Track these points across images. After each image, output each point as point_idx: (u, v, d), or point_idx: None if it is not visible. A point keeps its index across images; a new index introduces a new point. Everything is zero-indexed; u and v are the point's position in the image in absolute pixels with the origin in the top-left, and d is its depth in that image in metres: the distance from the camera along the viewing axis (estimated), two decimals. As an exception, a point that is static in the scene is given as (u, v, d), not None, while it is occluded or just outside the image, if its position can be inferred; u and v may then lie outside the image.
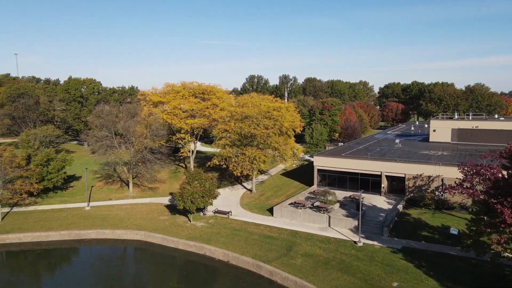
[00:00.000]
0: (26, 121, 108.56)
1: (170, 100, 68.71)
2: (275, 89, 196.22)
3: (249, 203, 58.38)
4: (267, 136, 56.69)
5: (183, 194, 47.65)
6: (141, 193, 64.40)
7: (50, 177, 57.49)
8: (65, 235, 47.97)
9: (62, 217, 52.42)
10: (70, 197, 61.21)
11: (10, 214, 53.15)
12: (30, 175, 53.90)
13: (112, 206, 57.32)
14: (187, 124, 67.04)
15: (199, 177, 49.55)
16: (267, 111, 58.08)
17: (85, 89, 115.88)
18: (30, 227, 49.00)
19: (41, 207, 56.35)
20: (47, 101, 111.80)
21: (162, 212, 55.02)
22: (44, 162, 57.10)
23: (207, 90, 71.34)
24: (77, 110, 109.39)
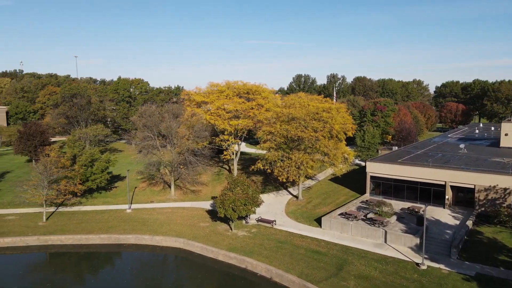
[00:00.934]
0: (78, 120, 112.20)
1: (214, 100, 66.25)
2: (322, 88, 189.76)
3: (295, 211, 54.22)
4: (316, 140, 52.20)
5: (224, 201, 44.58)
6: (182, 196, 62.49)
7: (94, 177, 57.13)
8: (104, 239, 46.81)
9: (104, 220, 51.53)
10: (113, 198, 60.65)
11: (55, 214, 53.22)
12: (74, 176, 53.69)
13: (153, 210, 55.75)
14: (231, 125, 64.17)
15: (241, 183, 46.25)
16: (316, 112, 53.57)
17: (133, 89, 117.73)
18: (72, 229, 48.47)
19: (85, 208, 56.07)
20: (98, 101, 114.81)
21: (203, 218, 52.44)
22: (88, 162, 56.84)
23: (252, 90, 68.05)
24: (125, 110, 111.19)
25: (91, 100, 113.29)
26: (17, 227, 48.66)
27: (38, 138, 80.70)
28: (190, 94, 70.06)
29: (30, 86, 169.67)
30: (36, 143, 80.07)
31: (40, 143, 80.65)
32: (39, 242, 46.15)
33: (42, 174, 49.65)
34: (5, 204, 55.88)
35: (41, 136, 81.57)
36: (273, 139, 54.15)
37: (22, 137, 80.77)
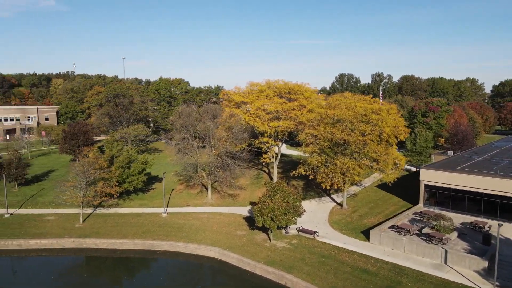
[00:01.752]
0: (121, 120, 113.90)
1: (254, 100, 63.23)
2: (366, 88, 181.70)
3: (340, 221, 49.85)
4: (364, 144, 47.54)
5: (262, 209, 41.29)
6: (220, 200, 60.02)
7: (131, 179, 56.08)
8: (138, 244, 45.18)
9: (139, 224, 50.09)
10: (149, 200, 59.40)
11: (92, 216, 52.64)
12: (110, 177, 52.83)
13: (189, 214, 53.65)
14: (271, 127, 60.82)
15: (281, 190, 42.75)
16: (364, 114, 48.87)
17: (174, 89, 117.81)
18: (107, 233, 47.39)
19: (121, 210, 55.12)
20: (139, 101, 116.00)
21: (240, 225, 49.50)
22: (125, 164, 55.89)
23: (294, 89, 64.26)
24: (166, 110, 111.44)
25: (133, 100, 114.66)
26: (55, 228, 48.37)
27: (82, 137, 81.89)
28: (229, 94, 67.54)
29: (79, 87, 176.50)
30: (80, 142, 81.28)
31: (83, 143, 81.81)
32: (74, 245, 45.41)
33: (79, 175, 49.06)
34: (46, 204, 56.26)
35: (84, 136, 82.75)
36: (317, 142, 50.12)
37: (67, 136, 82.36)
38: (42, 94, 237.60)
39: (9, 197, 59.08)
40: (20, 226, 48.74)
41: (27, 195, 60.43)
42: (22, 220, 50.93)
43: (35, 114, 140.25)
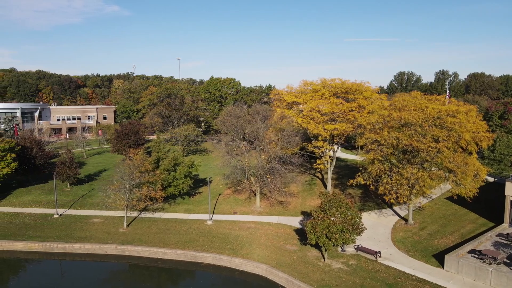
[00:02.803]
0: (172, 120, 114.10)
1: (307, 100, 58.15)
2: (429, 87, 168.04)
3: (405, 239, 43.32)
4: (437, 152, 40.64)
5: (316, 225, 36.32)
6: (269, 208, 55.75)
7: (176, 183, 53.68)
8: (181, 255, 42.25)
9: (182, 231, 47.33)
10: (195, 205, 56.71)
11: (136, 220, 50.91)
12: (155, 181, 50.72)
13: (235, 223, 49.97)
14: (326, 129, 55.40)
15: (338, 203, 37.43)
16: (438, 116, 41.87)
17: (224, 88, 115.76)
18: (149, 240, 45.08)
19: (166, 215, 52.90)
20: (190, 101, 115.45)
21: (290, 238, 44.83)
22: (171, 167, 53.62)
23: (352, 89, 58.17)
24: (216, 110, 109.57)
25: (185, 100, 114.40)
26: (99, 232, 47.09)
27: (133, 137, 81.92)
28: (281, 93, 62.99)
29: (136, 87, 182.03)
30: (131, 142, 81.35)
31: (134, 143, 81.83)
32: (116, 252, 43.61)
33: (123, 178, 47.37)
34: (94, 205, 55.63)
35: (135, 135, 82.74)
36: (379, 149, 43.96)
37: (119, 136, 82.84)
38: (104, 94, 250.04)
39: (61, 196, 59.65)
40: (66, 228, 48.13)
41: (78, 195, 60.56)
42: (70, 221, 50.44)
43: (94, 114, 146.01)
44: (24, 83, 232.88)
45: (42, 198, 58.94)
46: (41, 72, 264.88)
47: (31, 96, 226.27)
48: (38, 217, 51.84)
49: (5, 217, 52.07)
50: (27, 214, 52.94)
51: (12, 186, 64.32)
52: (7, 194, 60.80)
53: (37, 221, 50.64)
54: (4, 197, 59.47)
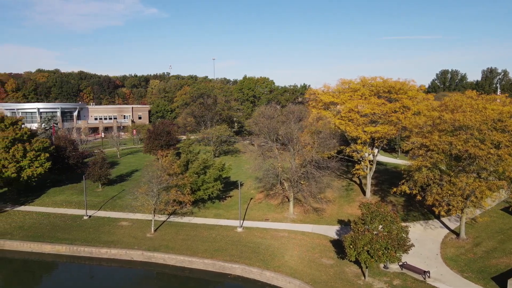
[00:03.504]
0: (205, 120, 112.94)
1: (345, 100, 54.09)
2: (475, 86, 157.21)
3: (458, 257, 38.51)
4: (498, 160, 35.60)
5: (356, 240, 32.58)
6: (303, 215, 52.30)
7: (206, 187, 51.45)
8: (208, 265, 39.79)
9: (211, 239, 44.93)
10: (225, 210, 54.28)
11: (164, 225, 49.14)
12: (184, 184, 48.69)
13: (267, 231, 46.96)
14: (366, 132, 51.19)
15: (382, 216, 33.47)
16: (499, 119, 36.78)
17: (258, 88, 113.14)
18: (176, 247, 43.00)
19: (195, 219, 50.79)
20: (223, 100, 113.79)
21: (326, 250, 41.23)
22: (200, 170, 51.46)
23: (395, 88, 53.45)
24: (249, 110, 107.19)
25: (217, 99, 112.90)
26: (126, 236, 45.65)
27: (164, 138, 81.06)
28: (316, 93, 59.21)
29: (170, 87, 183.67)
30: (162, 143, 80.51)
31: (166, 143, 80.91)
32: (142, 258, 41.88)
33: (151, 181, 45.67)
34: (123, 207, 54.44)
35: (167, 136, 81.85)
36: (428, 154, 39.35)
37: (151, 136, 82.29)
38: (140, 94, 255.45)
39: (91, 197, 59.22)
40: (94, 231, 47.15)
41: (108, 196, 59.91)
42: (98, 224, 49.52)
43: (130, 113, 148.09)
44: (67, 84, 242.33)
45: (74, 198, 58.76)
46: (83, 73, 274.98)
47: (73, 96, 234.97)
48: (68, 218, 51.37)
49: (37, 217, 52.02)
50: (58, 215, 52.66)
51: (47, 185, 64.92)
52: (41, 193, 61.26)
53: (67, 222, 50.12)
54: (38, 196, 59.91)
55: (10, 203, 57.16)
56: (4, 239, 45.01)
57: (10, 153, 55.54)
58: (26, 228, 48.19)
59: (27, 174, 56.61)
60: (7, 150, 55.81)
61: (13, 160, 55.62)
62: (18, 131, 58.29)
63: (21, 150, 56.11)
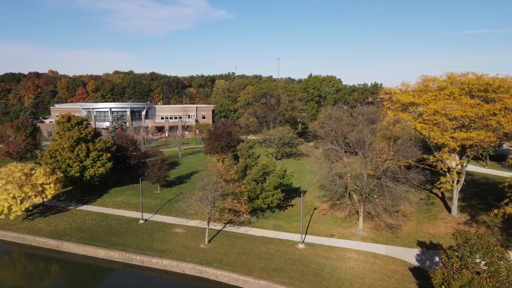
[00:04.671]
0: (267, 120, 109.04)
1: (429, 101, 46.08)
2: None
3: None
4: None
5: (450, 279, 25.64)
6: (374, 232, 45.54)
7: (265, 195, 46.98)
8: (264, 287, 35.17)
9: (268, 255, 40.30)
10: (286, 221, 49.35)
11: (219, 235, 45.60)
12: (241, 192, 44.68)
13: (332, 250, 41.18)
14: (455, 139, 42.92)
15: (485, 249, 26.09)
16: None
17: (324, 87, 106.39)
18: (231, 262, 39.07)
19: (252, 230, 46.57)
20: (287, 100, 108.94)
21: (405, 281, 34.43)
22: (259, 177, 47.11)
23: (493, 85, 44.27)
24: (314, 110, 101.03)
25: (280, 99, 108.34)
26: (179, 246, 42.81)
27: (225, 139, 78.42)
28: (393, 92, 51.59)
29: (235, 86, 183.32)
30: (223, 144, 77.95)
31: (226, 144, 78.22)
32: (194, 272, 38.59)
33: (206, 188, 42.29)
34: (179, 212, 51.86)
35: (227, 137, 79.11)
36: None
37: (211, 137, 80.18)
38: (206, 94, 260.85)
39: (149, 199, 58.02)
40: (148, 237, 45.11)
41: (165, 199, 58.26)
42: (153, 229, 47.53)
43: (194, 113, 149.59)
44: (139, 84, 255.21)
45: (133, 199, 57.97)
46: (154, 73, 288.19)
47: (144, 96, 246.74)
48: (124, 221, 50.23)
49: (96, 218, 51.67)
50: (115, 217, 51.86)
51: (109, 185, 65.35)
52: (103, 193, 61.58)
53: (123, 225, 48.90)
54: (100, 196, 60.20)
55: (75, 202, 57.95)
56: (62, 240, 44.77)
57: (74, 152, 56.24)
58: (84, 229, 47.76)
59: (90, 173, 56.98)
60: (72, 150, 56.59)
61: (77, 160, 56.24)
62: (83, 130, 58.98)
63: (85, 150, 56.57)
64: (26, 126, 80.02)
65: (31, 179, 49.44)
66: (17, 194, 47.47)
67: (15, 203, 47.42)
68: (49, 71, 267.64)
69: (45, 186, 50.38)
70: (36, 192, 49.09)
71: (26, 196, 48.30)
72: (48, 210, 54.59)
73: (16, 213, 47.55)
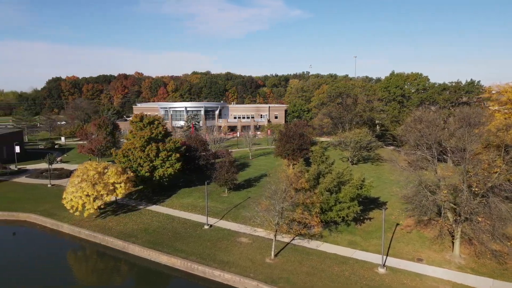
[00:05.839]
0: (343, 121, 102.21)
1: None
2: None
3: None
4: None
5: None
6: (474, 260, 37.62)
7: (339, 207, 41.60)
8: (337, 319, 30.14)
9: (343, 278, 35.01)
10: (363, 238, 43.36)
11: (287, 249, 41.32)
12: (313, 203, 39.88)
13: (421, 279, 34.49)
14: None
15: None
16: None
17: (408, 86, 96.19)
18: (298, 282, 34.59)
19: (324, 246, 41.52)
20: (364, 100, 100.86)
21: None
22: (333, 186, 41.84)
23: None
24: (396, 112, 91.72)
25: (358, 99, 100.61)
26: (243, 258, 39.46)
27: (297, 141, 74.06)
28: (503, 91, 42.55)
29: (309, 86, 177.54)
30: (294, 146, 73.69)
31: (298, 147, 73.81)
32: (258, 291, 34.89)
33: (272, 198, 38.34)
34: (245, 219, 48.33)
35: (300, 139, 74.60)
36: None
37: (282, 138, 76.43)
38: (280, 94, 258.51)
39: (216, 202, 56.02)
40: (212, 246, 42.56)
41: (233, 204, 55.72)
42: (217, 236, 44.96)
43: (266, 113, 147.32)
44: (215, 84, 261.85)
45: (200, 202, 56.40)
46: (229, 73, 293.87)
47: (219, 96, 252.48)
48: (190, 226, 48.53)
49: (163, 220, 50.83)
50: (181, 220, 50.51)
51: (179, 185, 64.94)
52: (172, 193, 61.17)
53: (188, 230, 47.18)
54: (169, 197, 59.81)
55: (145, 201, 58.19)
56: (128, 242, 44.29)
57: (145, 152, 56.36)
58: (150, 231, 46.97)
59: (159, 174, 56.70)
60: (143, 149, 56.80)
61: (147, 159, 56.27)
62: (154, 130, 59.00)
63: (155, 150, 56.40)
64: (107, 125, 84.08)
65: (103, 178, 50.18)
66: (90, 192, 48.40)
67: (89, 201, 48.38)
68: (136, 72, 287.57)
69: (116, 185, 50.85)
70: (107, 191, 49.70)
71: (99, 194, 49.06)
72: (120, 208, 55.33)
73: (89, 211, 48.50)
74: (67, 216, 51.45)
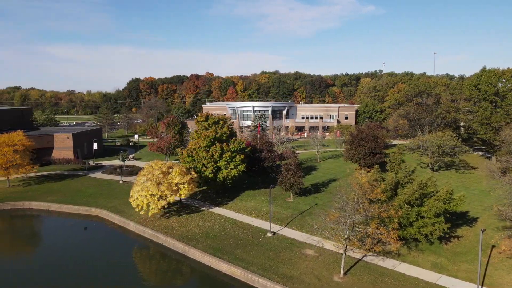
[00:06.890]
0: (422, 123, 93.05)
1: None
2: None
3: None
4: None
5: None
6: None
7: (422, 223, 35.91)
8: None
9: (426, 310, 29.70)
10: (450, 259, 37.11)
11: (358, 266, 36.74)
12: (390, 217, 34.83)
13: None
14: None
15: None
16: None
17: (503, 83, 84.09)
18: (372, 310, 30.10)
19: (401, 266, 36.18)
20: (448, 100, 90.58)
21: None
22: (414, 199, 36.24)
23: None
24: (487, 113, 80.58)
25: (440, 99, 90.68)
26: (308, 274, 35.78)
27: (369, 144, 68.23)
28: None
29: (382, 85, 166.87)
30: (366, 150, 67.96)
31: (371, 151, 67.93)
32: (324, 314, 31.01)
33: (342, 209, 34.10)
34: (311, 229, 43.96)
35: (373, 142, 68.62)
36: None
37: (353, 141, 71.06)
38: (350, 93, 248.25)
39: (281, 208, 52.99)
40: (274, 256, 39.53)
41: (298, 210, 52.17)
42: (280, 246, 41.80)
43: (336, 113, 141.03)
44: (283, 84, 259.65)
45: (264, 206, 53.78)
46: (298, 73, 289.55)
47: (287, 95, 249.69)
48: (252, 232, 46.04)
49: (225, 223, 49.04)
50: (243, 225, 48.26)
51: (243, 187, 63.13)
52: (236, 195, 59.44)
53: (250, 236, 44.70)
54: (232, 199, 58.14)
55: (208, 203, 57.18)
56: (189, 245, 43.04)
57: (209, 152, 55.24)
58: (211, 236, 45.36)
59: (222, 175, 55.22)
60: (207, 150, 55.75)
61: (211, 160, 55.08)
62: (219, 130, 57.69)
63: (219, 151, 54.99)
64: (175, 124, 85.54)
65: (167, 178, 49.85)
66: (155, 192, 48.28)
67: (153, 201, 48.31)
68: (206, 73, 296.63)
69: (180, 185, 50.24)
70: (171, 191, 49.23)
71: (163, 194, 48.77)
72: (183, 209, 54.86)
73: (153, 211, 48.42)
74: (133, 214, 52.10)
